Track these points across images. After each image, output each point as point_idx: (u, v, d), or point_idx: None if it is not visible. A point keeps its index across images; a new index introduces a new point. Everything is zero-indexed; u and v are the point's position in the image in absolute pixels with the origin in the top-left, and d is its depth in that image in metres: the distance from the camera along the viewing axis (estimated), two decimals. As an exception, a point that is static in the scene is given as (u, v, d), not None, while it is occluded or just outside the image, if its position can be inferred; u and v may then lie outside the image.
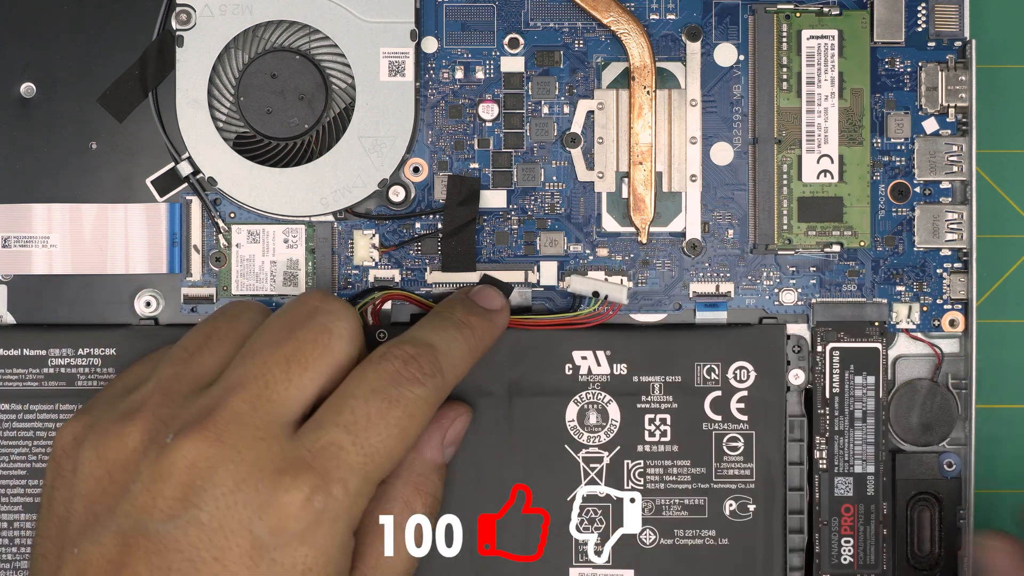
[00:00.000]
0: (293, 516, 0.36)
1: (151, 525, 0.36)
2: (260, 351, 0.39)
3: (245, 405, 0.37)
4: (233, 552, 0.35)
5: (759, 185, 0.47)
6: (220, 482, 0.36)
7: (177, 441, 0.37)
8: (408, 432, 0.38)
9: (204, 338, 0.41)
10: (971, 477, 0.47)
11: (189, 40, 0.46)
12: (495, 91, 0.48)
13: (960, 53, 0.47)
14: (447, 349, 0.41)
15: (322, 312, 0.39)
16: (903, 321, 0.48)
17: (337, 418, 0.38)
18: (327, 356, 0.39)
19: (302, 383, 0.38)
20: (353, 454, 0.37)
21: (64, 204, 0.47)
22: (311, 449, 0.37)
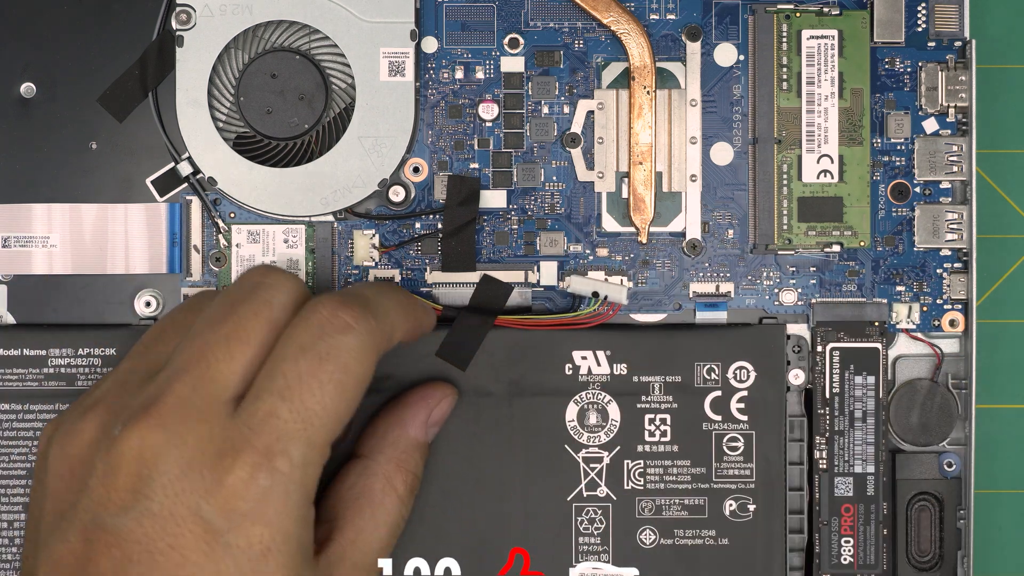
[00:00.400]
0: (240, 496, 0.35)
1: (108, 519, 0.36)
2: (202, 332, 0.38)
3: (187, 388, 0.37)
4: (187, 539, 0.35)
5: (759, 185, 0.47)
6: (166, 470, 0.36)
7: (124, 432, 0.36)
8: (345, 386, 0.37)
9: (160, 331, 0.41)
10: (971, 477, 0.47)
11: (189, 40, 0.46)
12: (495, 91, 0.48)
13: (960, 53, 0.47)
14: (377, 300, 0.40)
15: (263, 287, 0.39)
16: (903, 321, 0.48)
17: (271, 384, 0.37)
18: (268, 328, 0.38)
19: (245, 359, 0.37)
20: (291, 422, 0.36)
21: (64, 204, 0.47)
22: (250, 424, 0.36)
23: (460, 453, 0.45)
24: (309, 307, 0.38)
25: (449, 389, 0.44)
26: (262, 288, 0.39)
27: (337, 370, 0.37)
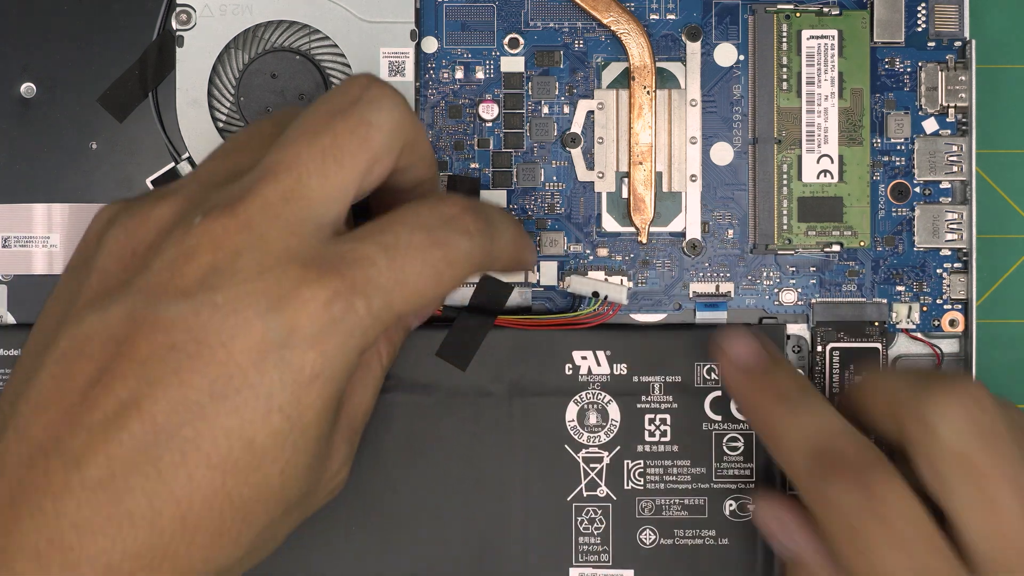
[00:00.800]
0: (310, 316, 0.34)
1: (162, 303, 0.34)
2: (296, 140, 0.36)
3: (277, 196, 0.35)
4: (242, 341, 0.33)
5: (759, 185, 0.47)
6: (242, 268, 0.34)
7: (205, 222, 0.34)
8: (443, 277, 0.36)
9: (247, 137, 0.39)
10: (971, 477, 0.47)
11: (189, 40, 0.46)
12: (495, 91, 0.48)
13: (960, 53, 0.47)
14: (501, 224, 0.39)
15: (363, 102, 0.37)
16: (903, 321, 0.48)
17: (379, 237, 0.36)
18: (365, 150, 0.36)
19: (339, 181, 0.36)
20: (385, 274, 0.35)
21: (64, 204, 0.47)
22: (344, 256, 0.35)
23: (460, 453, 0.45)
24: (441, 197, 0.38)
25: None
26: (362, 103, 0.37)
27: (442, 260, 0.36)
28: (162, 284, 0.34)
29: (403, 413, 0.46)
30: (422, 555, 0.45)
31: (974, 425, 0.35)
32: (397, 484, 0.46)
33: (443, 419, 0.46)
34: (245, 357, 0.33)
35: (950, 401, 0.35)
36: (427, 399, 0.46)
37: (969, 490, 0.34)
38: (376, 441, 0.45)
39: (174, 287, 0.34)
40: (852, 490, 0.35)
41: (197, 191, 0.36)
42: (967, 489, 0.34)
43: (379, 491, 0.45)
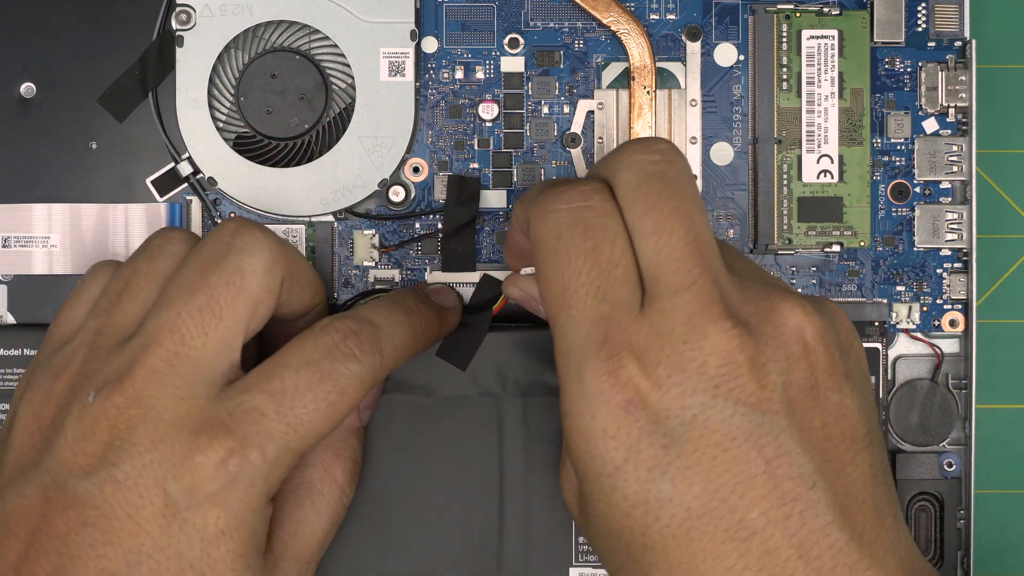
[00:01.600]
0: (207, 477, 0.36)
1: (70, 481, 0.36)
2: (174, 301, 0.38)
3: (162, 363, 0.37)
4: (147, 510, 0.36)
5: (759, 185, 0.47)
6: (138, 441, 0.36)
7: (98, 400, 0.37)
8: (336, 407, 0.38)
9: (124, 284, 0.40)
10: (971, 477, 0.47)
11: (189, 40, 0.46)
12: (495, 91, 0.48)
13: (960, 53, 0.47)
14: (390, 331, 0.40)
15: (234, 250, 0.38)
16: (903, 321, 0.48)
17: (265, 384, 0.37)
18: (243, 299, 0.38)
19: (221, 335, 0.37)
20: (276, 422, 0.37)
21: (64, 204, 0.47)
22: (232, 412, 0.37)
23: (460, 453, 0.45)
24: (321, 326, 0.39)
25: None
26: (232, 253, 0.38)
27: (334, 391, 0.38)
28: (67, 463, 0.36)
29: (403, 413, 0.46)
30: (422, 555, 0.45)
31: (654, 166, 0.37)
32: (397, 484, 0.45)
33: (443, 419, 0.46)
34: (152, 524, 0.36)
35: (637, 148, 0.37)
36: (427, 399, 0.46)
37: (646, 220, 0.36)
38: (376, 441, 0.45)
39: (78, 466, 0.36)
40: (572, 198, 0.37)
41: (89, 360, 0.38)
42: (644, 220, 0.36)
43: (379, 491, 0.45)
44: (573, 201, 0.37)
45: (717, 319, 0.35)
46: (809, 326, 0.36)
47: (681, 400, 0.34)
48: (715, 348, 0.35)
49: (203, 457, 0.36)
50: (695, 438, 0.34)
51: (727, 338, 0.35)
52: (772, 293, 0.37)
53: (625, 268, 0.36)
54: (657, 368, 0.34)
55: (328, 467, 0.42)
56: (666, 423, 0.34)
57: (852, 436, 0.36)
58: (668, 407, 0.34)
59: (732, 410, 0.34)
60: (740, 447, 0.34)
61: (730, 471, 0.34)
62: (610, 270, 0.36)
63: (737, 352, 0.35)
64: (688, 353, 0.34)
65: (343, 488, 0.42)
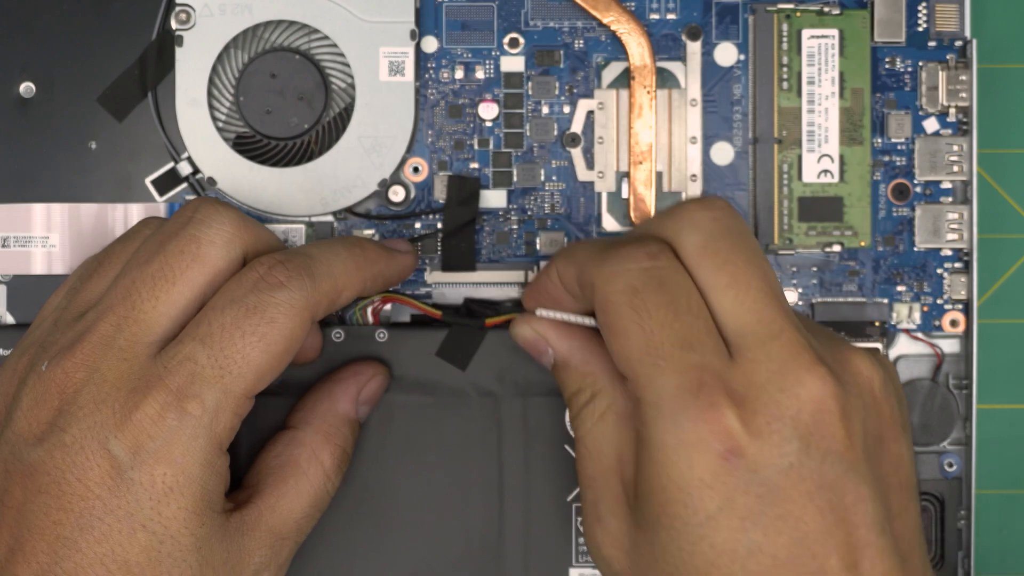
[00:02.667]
0: (147, 433, 0.36)
1: (24, 450, 0.36)
2: (129, 271, 0.38)
3: (111, 327, 0.37)
4: (94, 472, 0.36)
5: (759, 185, 0.47)
6: (83, 404, 0.36)
7: (49, 368, 0.37)
8: (269, 339, 0.37)
9: (97, 264, 0.41)
10: (971, 477, 0.47)
11: (189, 40, 0.46)
12: (495, 91, 0.48)
13: (961, 53, 0.47)
14: (324, 258, 0.40)
15: (193, 222, 0.39)
16: (904, 321, 0.48)
17: (194, 331, 0.37)
18: (196, 266, 0.38)
19: (170, 299, 0.38)
20: (208, 367, 0.37)
21: (64, 204, 0.47)
22: (167, 366, 0.37)
23: (460, 453, 0.45)
24: (248, 264, 0.39)
25: (381, 368, 0.44)
26: (192, 224, 0.39)
27: (262, 323, 0.37)
28: (22, 432, 0.37)
29: (403, 413, 0.45)
30: (422, 555, 0.45)
31: (717, 223, 0.38)
32: (397, 484, 0.45)
33: (443, 419, 0.46)
34: (100, 487, 0.36)
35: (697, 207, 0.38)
36: (427, 399, 0.46)
37: (720, 275, 0.37)
38: (376, 441, 0.45)
39: (31, 434, 0.37)
40: (640, 258, 0.37)
41: (50, 334, 0.39)
42: (719, 275, 0.37)
43: (379, 491, 0.45)
44: (642, 260, 0.37)
45: (811, 366, 0.36)
46: (876, 377, 0.37)
47: (779, 448, 0.35)
48: (811, 396, 0.35)
49: (140, 414, 0.36)
50: (788, 487, 0.35)
51: (822, 384, 0.35)
52: (840, 344, 0.38)
53: (706, 319, 0.36)
54: (756, 417, 0.35)
55: (316, 449, 0.42)
56: (763, 472, 0.35)
57: (907, 484, 0.37)
58: (767, 456, 0.35)
59: (822, 458, 0.35)
60: (827, 495, 0.35)
61: (816, 519, 0.35)
62: (692, 321, 0.36)
63: (830, 399, 0.35)
64: (785, 401, 0.35)
65: (328, 474, 0.42)
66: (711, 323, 0.37)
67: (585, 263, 0.39)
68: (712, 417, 0.35)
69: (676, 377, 0.36)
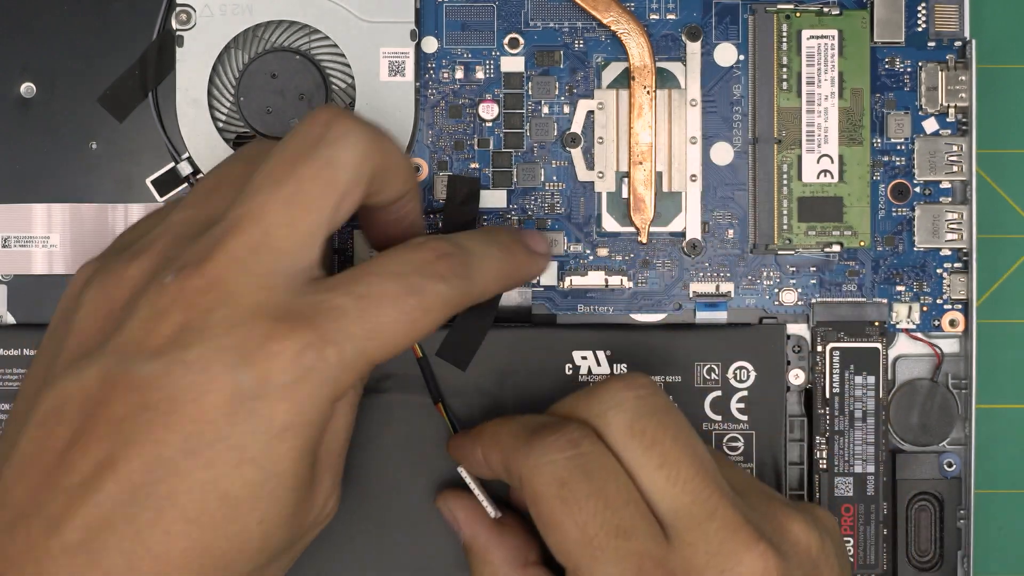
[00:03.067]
0: (281, 368, 0.34)
1: (135, 363, 0.34)
2: (260, 190, 0.36)
3: (244, 250, 0.35)
4: (213, 396, 0.34)
5: (759, 185, 0.47)
6: (213, 324, 0.34)
7: (176, 281, 0.35)
8: (418, 324, 0.37)
9: (216, 182, 0.39)
10: (971, 477, 0.47)
11: (189, 40, 0.46)
12: (495, 91, 0.48)
13: (960, 53, 0.47)
14: (481, 261, 0.39)
15: (325, 142, 0.37)
16: (903, 321, 0.48)
17: (352, 287, 0.36)
18: (331, 192, 0.36)
19: (307, 227, 0.36)
20: (356, 324, 0.35)
21: (64, 204, 0.47)
22: (317, 308, 0.35)
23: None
24: (416, 243, 0.38)
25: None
26: (324, 145, 0.37)
27: (418, 308, 0.36)
28: (135, 344, 0.35)
29: (403, 413, 0.46)
30: (422, 555, 0.45)
31: (641, 402, 0.38)
32: (397, 484, 0.45)
33: (441, 419, 0.46)
34: (216, 412, 0.34)
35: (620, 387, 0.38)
36: (427, 399, 0.46)
37: (650, 456, 0.37)
38: (376, 441, 0.45)
39: (147, 347, 0.35)
40: (564, 447, 0.37)
41: (169, 245, 0.37)
42: (648, 456, 0.37)
43: (379, 491, 0.45)
44: (565, 450, 0.37)
45: (749, 544, 0.36)
46: (814, 542, 0.38)
47: None
48: (751, 573, 0.36)
49: (279, 346, 0.34)
50: None
51: (763, 561, 0.36)
52: (777, 509, 0.39)
53: (637, 503, 0.37)
54: None
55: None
56: None
57: None
58: None
59: None
60: None
61: None
62: (623, 507, 0.36)
63: (772, 574, 0.36)
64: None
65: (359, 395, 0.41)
66: (643, 506, 0.37)
67: (510, 452, 0.39)
68: None
69: (615, 567, 0.36)
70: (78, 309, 0.37)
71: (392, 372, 0.45)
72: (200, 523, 0.34)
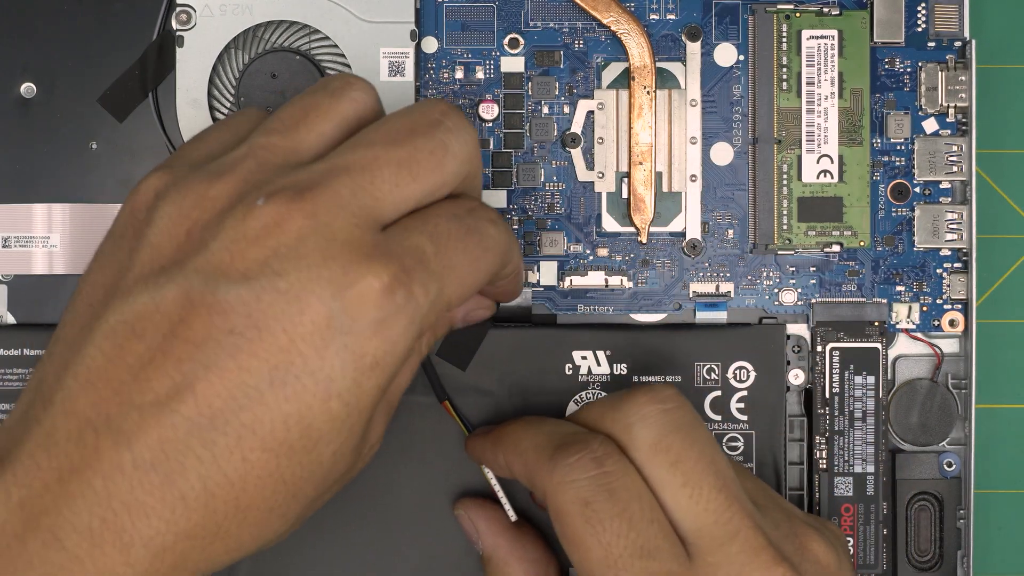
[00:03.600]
0: (374, 304, 0.34)
1: (223, 285, 0.33)
2: (375, 144, 0.36)
3: (346, 190, 0.35)
4: (305, 327, 0.33)
5: (759, 185, 0.47)
6: (307, 253, 0.33)
7: (270, 204, 0.34)
8: (480, 263, 0.37)
9: (303, 112, 0.38)
10: (971, 477, 0.47)
11: (189, 40, 0.46)
12: (495, 91, 0.48)
13: (960, 53, 0.47)
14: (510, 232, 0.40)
15: (443, 128, 0.37)
16: (903, 321, 0.48)
17: (423, 226, 0.36)
18: (438, 172, 0.37)
19: (407, 192, 0.36)
20: (435, 262, 0.35)
21: (64, 204, 0.47)
22: (402, 245, 0.35)
23: (460, 453, 0.45)
24: (464, 196, 0.38)
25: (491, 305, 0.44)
26: (442, 129, 0.37)
27: (478, 246, 0.37)
28: (222, 266, 0.34)
29: (403, 413, 0.46)
30: (422, 555, 0.45)
31: (667, 416, 0.38)
32: (397, 484, 0.46)
33: (443, 419, 0.46)
34: (307, 344, 0.33)
35: (646, 400, 0.38)
36: (427, 399, 0.46)
37: (674, 474, 0.37)
38: (376, 441, 0.45)
39: (235, 270, 0.33)
40: (588, 467, 0.37)
41: (255, 170, 0.36)
42: (672, 474, 0.37)
43: (379, 491, 0.45)
44: (588, 469, 0.37)
45: (770, 567, 0.37)
46: (832, 560, 0.39)
47: None
48: None
49: (375, 282, 0.34)
50: None
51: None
52: (797, 526, 0.39)
53: (660, 523, 0.37)
54: None
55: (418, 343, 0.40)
56: None
57: None
58: None
59: None
60: None
61: None
62: (646, 527, 0.37)
63: None
64: None
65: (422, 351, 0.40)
66: (667, 526, 0.37)
67: (533, 466, 0.39)
68: None
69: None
70: (151, 223, 0.35)
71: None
72: (278, 452, 0.34)
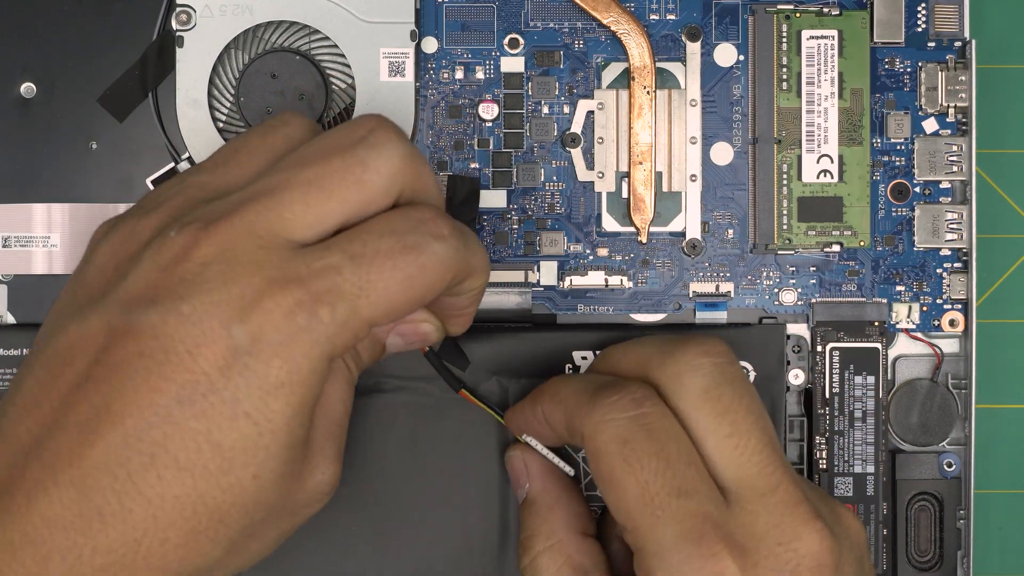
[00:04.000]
0: (273, 325, 0.35)
1: (135, 311, 0.35)
2: (285, 169, 0.37)
3: (252, 215, 0.36)
4: (208, 349, 0.34)
5: (759, 185, 0.47)
6: (210, 278, 0.35)
7: (180, 234, 0.36)
8: (414, 283, 0.37)
9: (234, 151, 0.39)
10: (971, 477, 0.47)
11: (189, 40, 0.46)
12: (495, 91, 0.48)
13: (960, 53, 0.48)
14: (474, 239, 0.40)
15: (365, 144, 0.37)
16: (903, 321, 0.48)
17: (346, 245, 0.36)
18: (356, 190, 0.37)
19: (321, 211, 0.36)
20: (349, 283, 0.36)
21: (64, 204, 0.47)
22: (310, 267, 0.35)
23: (459, 453, 0.45)
24: (415, 205, 0.38)
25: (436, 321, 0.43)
26: (363, 146, 0.37)
27: (414, 265, 0.36)
28: (136, 294, 0.35)
29: (403, 413, 0.46)
30: (422, 555, 0.45)
31: (719, 369, 0.38)
32: (397, 484, 0.46)
33: (443, 419, 0.46)
34: (210, 364, 0.35)
35: (700, 351, 0.39)
36: (427, 399, 0.46)
37: (722, 423, 0.38)
38: (376, 441, 0.45)
39: (146, 297, 0.35)
40: (627, 407, 0.38)
41: (180, 205, 0.38)
42: (720, 423, 0.38)
43: (379, 491, 0.45)
44: (628, 409, 0.38)
45: (808, 520, 0.37)
46: (862, 532, 0.40)
47: None
48: (809, 550, 0.37)
49: (272, 304, 0.35)
50: None
51: (820, 538, 0.37)
52: (829, 498, 0.40)
53: (698, 466, 0.37)
54: (756, 568, 0.36)
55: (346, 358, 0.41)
56: None
57: None
58: None
59: None
60: None
61: None
62: (684, 468, 0.37)
63: (827, 554, 0.37)
64: (784, 555, 0.37)
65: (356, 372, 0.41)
66: (703, 469, 0.37)
67: (573, 410, 0.39)
68: (714, 567, 0.36)
69: (676, 526, 0.36)
70: (89, 262, 0.38)
71: (394, 372, 0.45)
72: (193, 472, 0.35)
